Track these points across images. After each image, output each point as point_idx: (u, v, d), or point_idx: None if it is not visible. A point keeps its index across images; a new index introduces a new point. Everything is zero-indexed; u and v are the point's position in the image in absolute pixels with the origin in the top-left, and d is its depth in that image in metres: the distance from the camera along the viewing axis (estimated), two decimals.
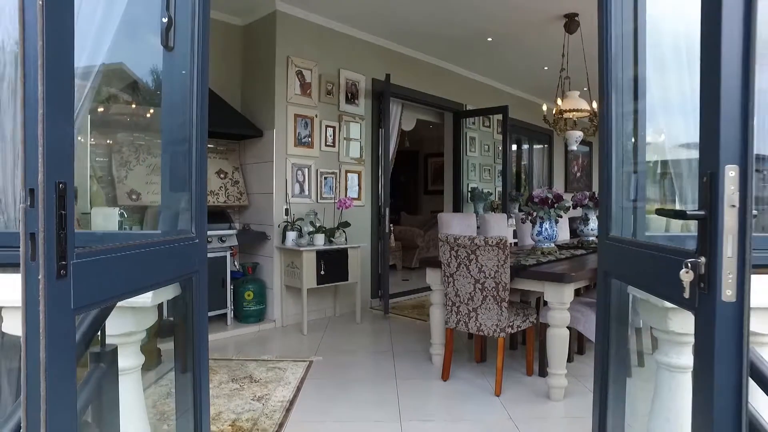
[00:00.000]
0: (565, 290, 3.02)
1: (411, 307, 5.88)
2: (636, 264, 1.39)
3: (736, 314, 0.92)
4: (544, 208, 3.77)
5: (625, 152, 1.65)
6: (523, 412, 2.95)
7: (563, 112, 5.18)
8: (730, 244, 0.92)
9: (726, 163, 0.92)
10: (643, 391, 1.90)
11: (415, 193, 11.80)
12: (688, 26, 1.13)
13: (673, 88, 1.51)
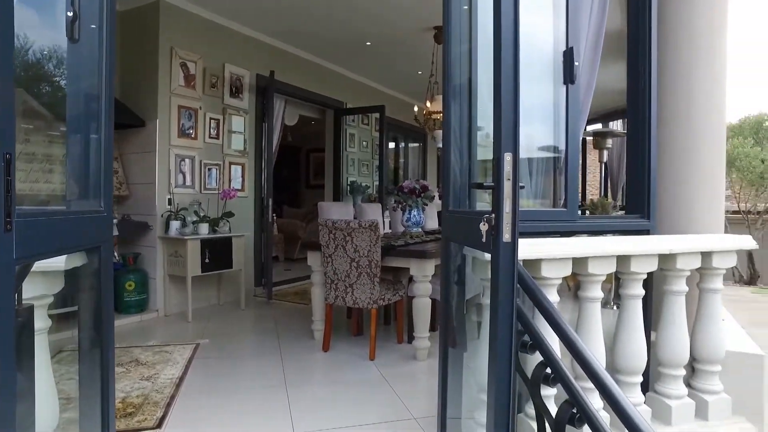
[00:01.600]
0: (427, 265, 3.57)
1: (293, 294, 6.19)
2: (463, 227, 1.90)
3: (511, 248, 1.43)
4: (412, 197, 4.33)
5: (462, 146, 2.16)
6: (394, 371, 3.45)
7: (431, 113, 5.85)
8: (507, 204, 1.42)
9: (505, 151, 1.42)
10: (483, 337, 2.45)
11: (297, 186, 12.05)
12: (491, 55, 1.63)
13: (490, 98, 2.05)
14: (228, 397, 3.01)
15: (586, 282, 2.15)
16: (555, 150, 2.54)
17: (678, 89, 2.68)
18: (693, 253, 2.31)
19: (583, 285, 2.18)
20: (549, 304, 1.69)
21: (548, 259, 1.99)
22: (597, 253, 2.08)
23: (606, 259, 2.13)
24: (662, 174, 2.68)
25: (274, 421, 2.70)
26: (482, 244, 1.52)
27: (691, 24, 2.63)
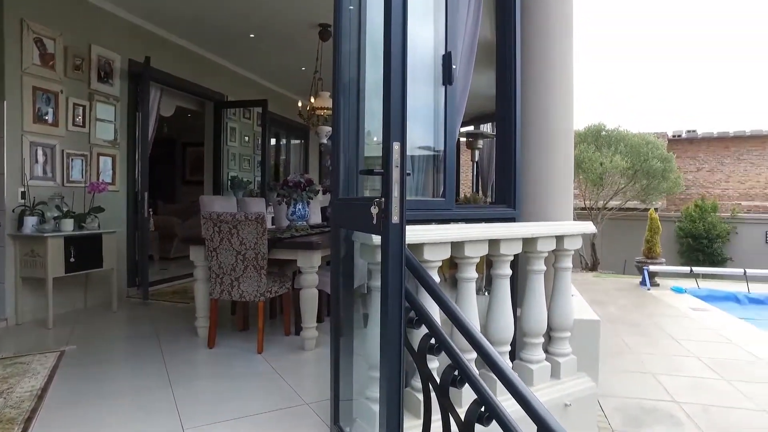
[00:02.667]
0: (314, 256, 3.65)
1: (172, 293, 5.87)
2: (354, 213, 2.02)
3: (400, 229, 1.58)
4: (297, 191, 4.36)
5: (350, 139, 2.28)
6: (283, 362, 3.47)
7: (316, 109, 5.92)
8: (396, 189, 1.57)
9: (394, 140, 1.56)
10: (373, 319, 2.60)
11: (173, 182, 11.35)
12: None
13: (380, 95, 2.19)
14: (104, 403, 2.81)
15: (463, 264, 2.40)
16: (434, 149, 2.77)
17: (538, 99, 3.07)
18: (550, 237, 2.68)
19: (460, 267, 2.42)
20: (433, 281, 1.88)
21: (430, 243, 2.19)
22: (472, 238, 2.33)
23: (480, 243, 2.39)
24: (525, 170, 3.05)
25: (161, 420, 2.60)
26: (373, 227, 1.65)
27: (547, 46, 3.04)
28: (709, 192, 18.55)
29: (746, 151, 20.22)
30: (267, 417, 2.64)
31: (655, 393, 4.27)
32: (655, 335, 6.25)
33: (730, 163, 20.30)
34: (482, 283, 3.45)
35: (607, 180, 13.24)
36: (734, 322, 7.10)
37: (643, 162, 12.96)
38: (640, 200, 13.92)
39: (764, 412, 3.97)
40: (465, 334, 1.67)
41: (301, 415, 2.67)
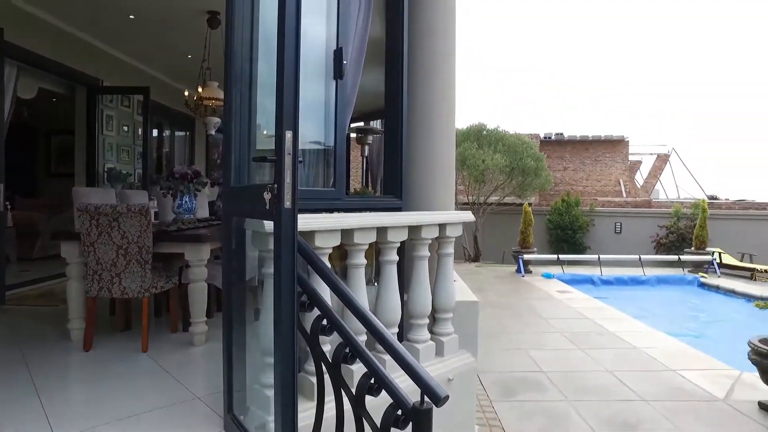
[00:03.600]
0: (203, 249, 3.55)
1: (36, 296, 5.31)
2: (246, 200, 2.04)
3: (292, 214, 1.65)
4: (184, 182, 4.20)
5: (242, 128, 2.28)
6: (171, 359, 3.33)
7: (203, 99, 5.69)
8: (288, 175, 1.63)
9: (286, 129, 1.63)
10: (266, 306, 2.61)
11: (34, 174, 10.17)
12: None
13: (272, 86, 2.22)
14: None
15: (353, 251, 2.52)
16: (324, 144, 2.85)
17: (424, 97, 3.29)
18: (433, 225, 2.90)
19: (350, 254, 2.54)
20: (324, 265, 1.97)
21: (321, 231, 2.28)
22: (361, 225, 2.46)
23: (368, 231, 2.53)
24: (411, 164, 3.26)
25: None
26: (266, 212, 1.70)
27: (432, 46, 3.27)
28: (573, 188, 20.73)
29: (601, 154, 22.90)
30: (154, 414, 2.54)
31: (526, 365, 4.78)
32: (527, 316, 6.93)
33: (589, 163, 22.87)
34: (372, 275, 3.62)
35: (488, 176, 14.26)
36: (590, 301, 8.10)
37: (519, 160, 14.16)
38: (516, 195, 15.20)
39: (609, 373, 4.63)
40: (356, 312, 1.79)
41: (192, 409, 2.61)
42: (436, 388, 1.52)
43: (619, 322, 6.64)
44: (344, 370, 1.89)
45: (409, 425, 1.58)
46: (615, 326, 6.33)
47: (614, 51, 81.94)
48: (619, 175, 23.05)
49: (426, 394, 1.53)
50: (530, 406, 3.83)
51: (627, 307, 8.23)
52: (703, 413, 3.78)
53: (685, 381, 4.43)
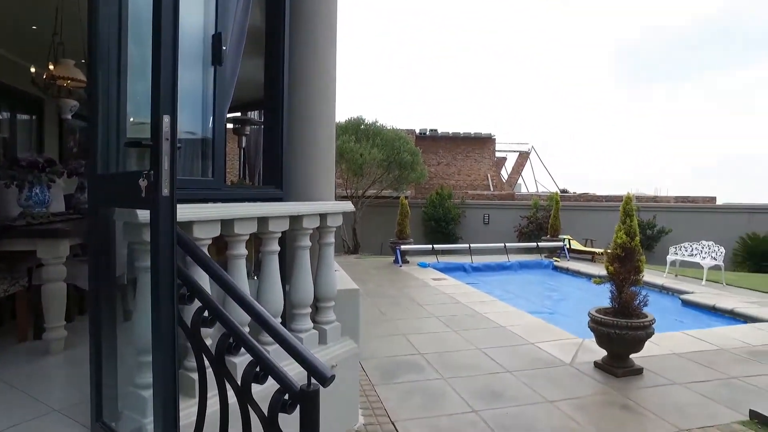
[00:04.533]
0: (60, 245, 3.20)
1: None
2: (116, 188, 1.91)
3: (170, 202, 1.58)
4: (34, 172, 3.73)
5: (111, 111, 2.11)
6: (21, 372, 2.91)
7: (57, 78, 5.07)
8: (166, 161, 1.56)
9: (164, 113, 1.55)
10: (141, 302, 2.44)
11: None
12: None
13: (144, 69, 2.08)
14: None
15: (233, 241, 2.46)
16: (201, 134, 2.73)
17: (305, 92, 3.30)
18: (314, 215, 2.93)
19: (230, 245, 2.48)
20: (205, 255, 1.91)
21: (200, 221, 2.20)
22: (242, 215, 2.41)
23: (249, 221, 2.49)
24: (293, 154, 3.25)
25: None
26: (141, 201, 1.61)
27: (314, 37, 3.28)
28: (446, 182, 22.02)
29: (471, 150, 24.60)
30: None
31: (406, 349, 5.03)
32: (405, 303, 7.27)
33: (461, 159, 24.43)
34: (251, 268, 3.56)
35: (366, 170, 14.58)
36: (462, 287, 8.72)
37: (397, 155, 14.68)
38: (393, 189, 15.75)
39: (479, 350, 5.05)
40: (240, 301, 1.77)
41: (49, 424, 2.36)
42: (322, 369, 1.57)
43: (487, 304, 7.25)
44: (228, 364, 1.86)
45: (297, 409, 1.61)
46: (484, 308, 6.90)
47: (488, 55, 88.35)
48: (487, 170, 24.97)
49: (312, 375, 1.58)
50: (410, 387, 4.05)
51: (494, 290, 9.02)
52: (554, 377, 4.31)
53: (542, 351, 4.99)
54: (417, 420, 3.45)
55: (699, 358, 4.87)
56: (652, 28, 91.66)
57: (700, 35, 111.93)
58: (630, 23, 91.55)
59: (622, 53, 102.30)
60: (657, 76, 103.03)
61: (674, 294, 8.55)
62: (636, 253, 4.47)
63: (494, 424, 3.39)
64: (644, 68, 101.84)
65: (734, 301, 7.62)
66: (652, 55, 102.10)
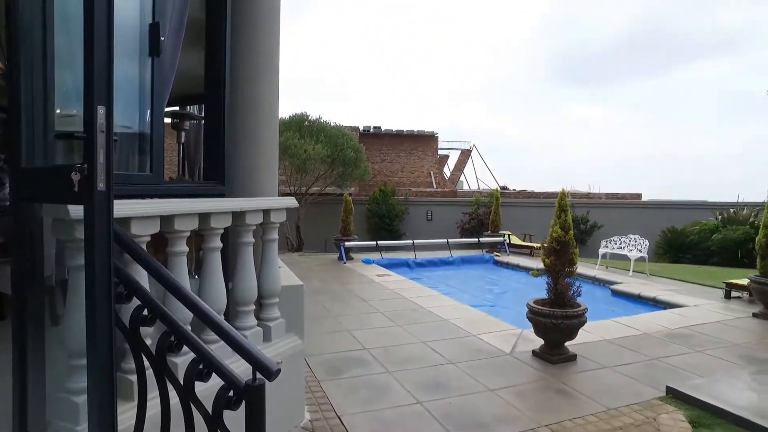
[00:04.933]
0: None
1: None
2: (44, 183, 1.80)
3: (107, 197, 1.52)
4: None
5: (36, 101, 1.99)
6: None
7: None
8: (101, 154, 1.50)
9: (98, 104, 1.49)
10: (73, 302, 2.31)
11: None
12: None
13: (73, 57, 1.98)
14: None
15: (174, 238, 2.39)
16: (138, 128, 2.62)
17: (248, 86, 3.24)
18: (258, 211, 2.90)
19: (171, 241, 2.40)
20: (144, 251, 1.85)
21: (138, 217, 2.12)
22: (183, 211, 2.35)
23: (190, 217, 2.42)
24: (235, 149, 3.19)
25: None
26: (74, 196, 1.53)
27: (257, 28, 3.23)
28: (390, 179, 22.19)
29: (415, 147, 24.93)
30: None
31: (351, 345, 5.05)
32: (350, 300, 7.29)
33: (404, 156, 24.71)
34: (192, 267, 3.46)
35: (309, 167, 14.46)
36: (406, 282, 8.84)
37: (340, 151, 14.65)
38: (337, 186, 15.72)
39: (423, 343, 5.15)
40: (182, 297, 1.73)
41: None
42: (267, 363, 1.57)
43: (431, 299, 7.40)
44: (170, 363, 1.81)
45: (242, 405, 1.60)
46: (428, 303, 7.04)
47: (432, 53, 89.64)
48: (430, 168, 25.39)
49: (257, 369, 1.57)
50: (355, 382, 4.08)
51: (437, 285, 9.22)
52: (495, 366, 4.48)
53: (483, 343, 5.17)
54: (363, 414, 3.48)
55: (626, 343, 5.21)
56: (589, 31, 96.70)
57: (632, 40, 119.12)
58: (569, 26, 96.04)
59: (559, 55, 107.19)
60: (591, 79, 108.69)
61: (605, 285, 9.06)
62: (570, 246, 4.71)
63: (438, 414, 3.48)
64: (579, 70, 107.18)
65: (656, 289, 8.20)
66: (588, 58, 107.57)
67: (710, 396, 3.66)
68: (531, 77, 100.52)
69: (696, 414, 3.50)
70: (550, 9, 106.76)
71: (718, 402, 3.56)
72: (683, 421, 3.41)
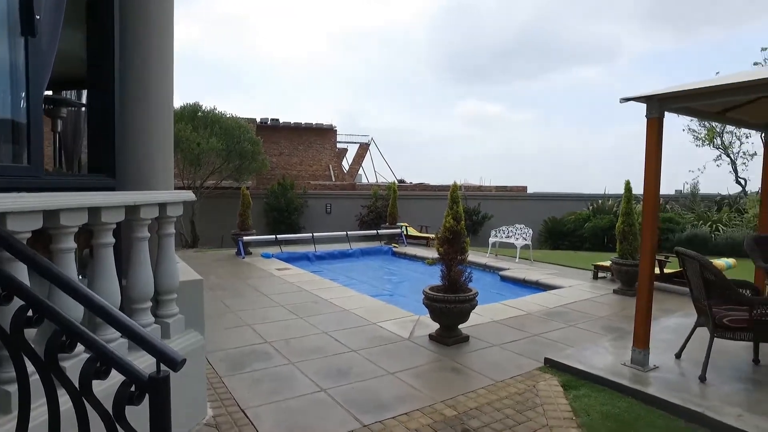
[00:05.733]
0: None
1: None
2: None
3: None
4: None
5: None
6: None
7: None
8: None
9: None
10: None
11: None
12: None
13: None
14: None
15: (59, 234, 2.23)
16: (13, 113, 2.40)
17: (140, 70, 3.06)
18: (153, 205, 2.78)
19: (56, 238, 2.24)
20: (26, 247, 1.73)
21: (16, 212, 1.96)
22: (70, 206, 2.20)
23: (79, 212, 2.28)
24: (126, 140, 3.02)
25: None
26: None
27: (150, 14, 3.06)
28: (288, 173, 21.88)
29: (313, 140, 24.79)
30: None
31: (252, 339, 5.00)
32: (249, 295, 7.16)
33: (302, 149, 24.47)
34: (78, 267, 3.23)
35: (204, 160, 13.83)
36: (307, 275, 8.86)
37: (237, 144, 14.16)
38: (233, 179, 15.18)
39: (325, 334, 5.25)
40: (74, 293, 1.65)
41: None
42: (171, 353, 1.56)
43: (332, 290, 7.49)
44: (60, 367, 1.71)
45: (146, 399, 1.57)
46: (329, 294, 7.12)
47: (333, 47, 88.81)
48: (329, 161, 25.40)
49: (162, 361, 1.55)
50: (258, 375, 4.06)
51: (338, 277, 9.33)
52: (394, 351, 4.69)
53: (383, 330, 5.37)
54: (267, 405, 3.49)
55: (512, 323, 5.71)
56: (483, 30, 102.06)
57: (518, 42, 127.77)
58: (464, 24, 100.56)
59: (454, 53, 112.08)
60: (484, 76, 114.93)
61: (494, 271, 9.77)
62: (462, 235, 5.05)
63: (342, 400, 3.59)
64: (473, 68, 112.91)
65: (539, 274, 9.02)
66: (481, 56, 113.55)
67: (578, 362, 4.18)
68: (428, 73, 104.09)
69: (567, 379, 3.98)
70: (447, 3, 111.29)
71: (584, 366, 4.09)
72: (557, 385, 3.85)
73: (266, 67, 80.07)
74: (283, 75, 79.40)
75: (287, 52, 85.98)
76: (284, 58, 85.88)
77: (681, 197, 20.16)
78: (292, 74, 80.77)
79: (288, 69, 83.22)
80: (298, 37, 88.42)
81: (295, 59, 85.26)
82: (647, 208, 4.15)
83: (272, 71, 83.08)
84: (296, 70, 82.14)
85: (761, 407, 3.38)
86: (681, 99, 3.97)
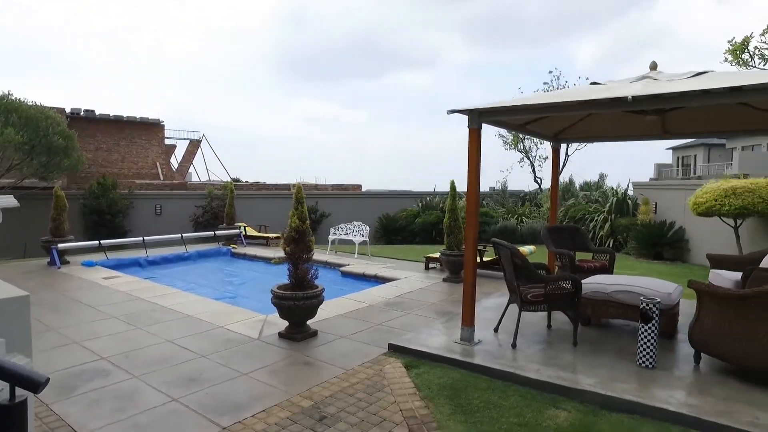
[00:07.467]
0: None
1: None
2: None
3: None
4: None
5: None
6: None
7: None
8: None
9: None
10: None
11: None
12: None
13: None
14: None
15: None
16: None
17: None
18: None
19: None
20: None
21: None
22: None
23: None
24: None
25: None
26: None
27: None
28: (108, 171, 19.69)
29: (138, 136, 22.67)
30: None
31: (83, 357, 4.56)
32: (72, 309, 6.42)
33: (125, 144, 22.21)
34: None
35: None
36: (140, 282, 8.21)
37: (44, 137, 12.31)
38: (40, 178, 13.16)
39: (169, 342, 5.04)
40: None
41: None
42: (30, 375, 1.49)
43: (170, 296, 7.07)
44: None
45: None
46: (167, 301, 6.72)
47: (162, 39, 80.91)
48: (156, 158, 23.43)
49: (19, 384, 1.47)
50: (96, 395, 3.73)
51: (175, 282, 8.80)
52: (246, 352, 4.70)
53: (231, 332, 5.31)
54: (112, 425, 3.26)
55: (356, 315, 6.09)
56: (317, 30, 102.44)
57: (349, 45, 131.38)
58: (298, 22, 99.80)
59: (289, 50, 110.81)
60: (318, 76, 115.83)
61: (335, 267, 10.15)
62: (307, 234, 5.24)
63: (196, 406, 3.53)
64: (308, 66, 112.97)
65: (377, 267, 9.64)
66: (317, 56, 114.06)
67: (417, 344, 4.72)
68: (263, 70, 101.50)
69: (409, 360, 4.46)
70: (281, 2, 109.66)
71: (422, 347, 4.65)
72: (401, 367, 4.30)
73: (79, 51, 70.06)
74: (100, 62, 70.34)
75: (106, 36, 76.27)
76: (102, 43, 76.03)
77: (494, 194, 23.16)
78: (111, 62, 71.99)
79: (106, 56, 73.93)
80: (123, 20, 78.97)
81: (114, 44, 76.09)
82: (470, 205, 4.84)
83: (86, 56, 72.93)
84: (117, 57, 73.46)
85: (552, 361, 4.30)
86: (494, 113, 4.74)
